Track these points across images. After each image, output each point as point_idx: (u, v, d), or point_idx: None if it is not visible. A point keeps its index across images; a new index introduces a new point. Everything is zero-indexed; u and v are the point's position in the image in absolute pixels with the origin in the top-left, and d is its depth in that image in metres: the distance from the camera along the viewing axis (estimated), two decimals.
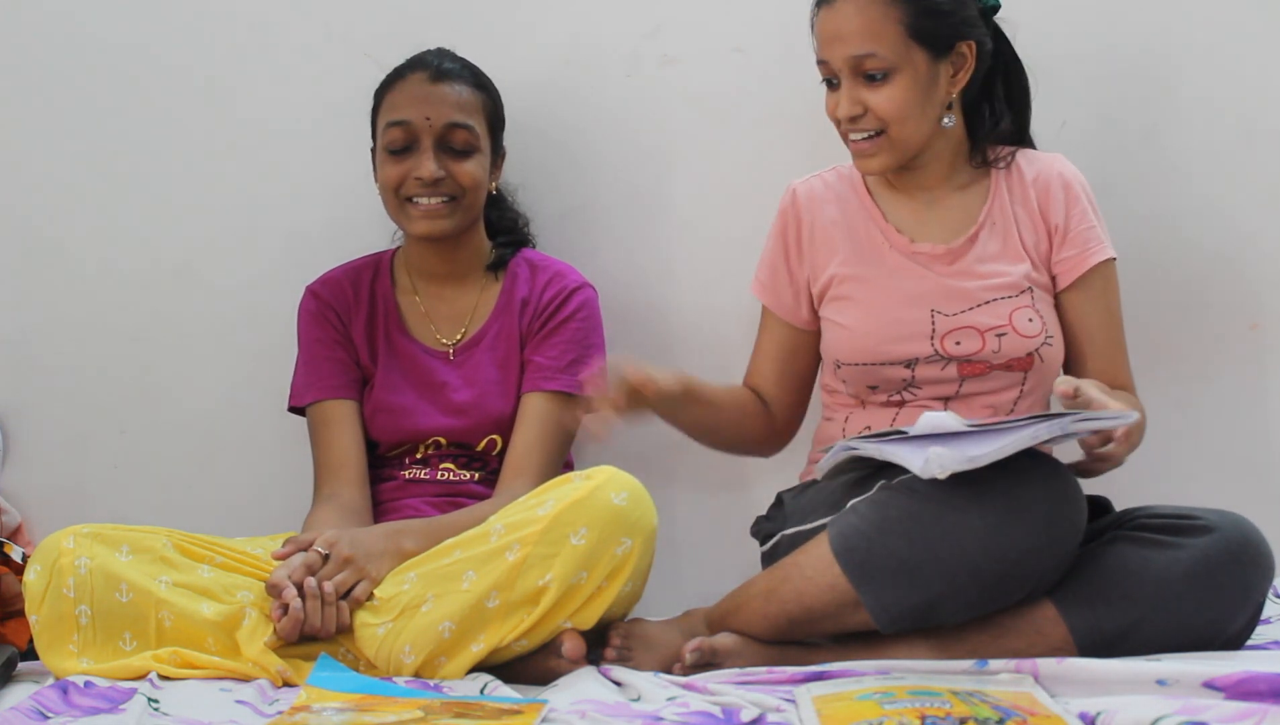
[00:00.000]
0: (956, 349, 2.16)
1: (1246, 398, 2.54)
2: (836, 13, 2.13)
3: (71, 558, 2.00)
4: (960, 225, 2.23)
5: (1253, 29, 2.51)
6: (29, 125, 2.60)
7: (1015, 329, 2.16)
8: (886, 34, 2.11)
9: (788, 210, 2.31)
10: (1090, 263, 2.19)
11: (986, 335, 2.16)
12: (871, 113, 2.13)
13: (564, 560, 1.98)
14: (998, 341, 2.16)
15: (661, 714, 1.79)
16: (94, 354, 2.61)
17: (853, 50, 2.12)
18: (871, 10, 2.11)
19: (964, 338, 2.16)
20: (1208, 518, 1.99)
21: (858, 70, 2.13)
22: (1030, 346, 2.17)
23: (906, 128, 2.15)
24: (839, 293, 2.25)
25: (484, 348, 2.37)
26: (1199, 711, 1.60)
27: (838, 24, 2.13)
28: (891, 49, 2.11)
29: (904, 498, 1.95)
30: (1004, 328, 2.16)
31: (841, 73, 2.14)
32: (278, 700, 1.91)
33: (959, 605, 1.94)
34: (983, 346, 2.16)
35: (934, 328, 2.17)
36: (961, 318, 2.17)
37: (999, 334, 2.16)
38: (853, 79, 2.13)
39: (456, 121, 2.31)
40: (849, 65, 2.13)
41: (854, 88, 2.13)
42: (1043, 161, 2.25)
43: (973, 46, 2.17)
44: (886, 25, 2.11)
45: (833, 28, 2.13)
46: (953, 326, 2.17)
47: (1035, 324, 2.17)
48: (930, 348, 2.17)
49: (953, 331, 2.17)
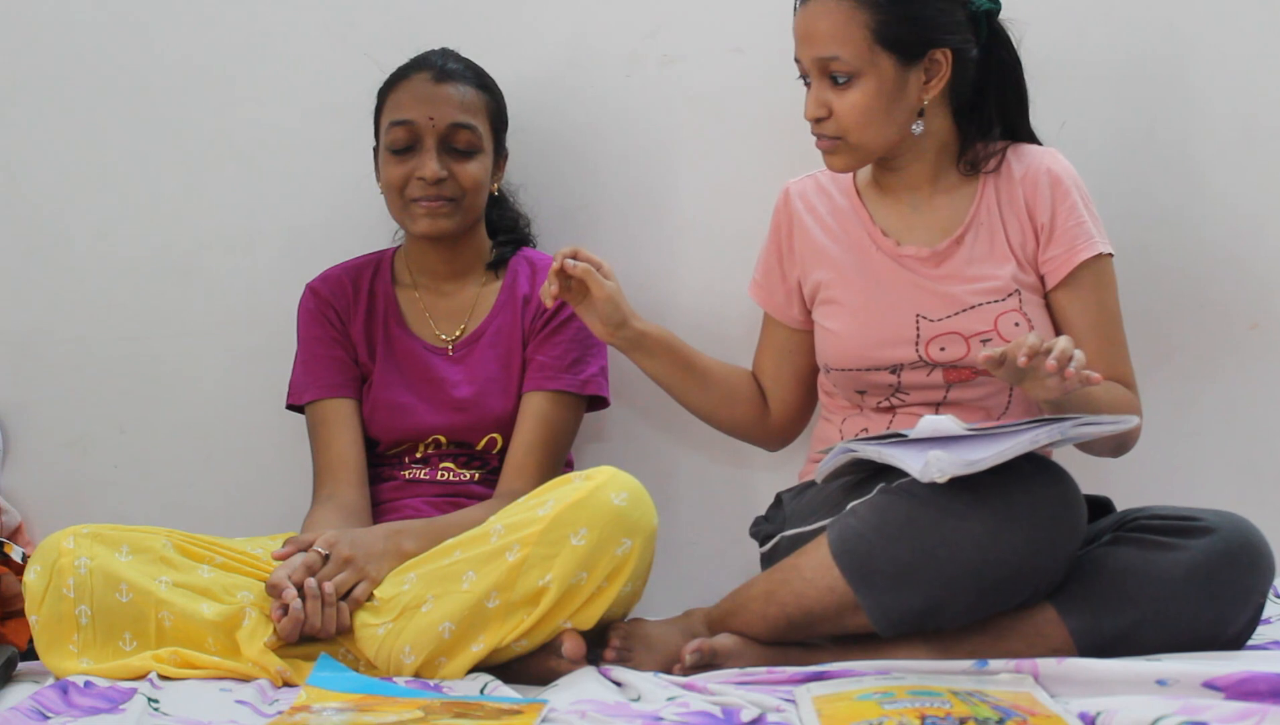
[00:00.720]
0: (941, 355, 2.16)
1: (1246, 398, 2.54)
2: (809, 13, 2.13)
3: (71, 558, 2.00)
4: (946, 227, 2.21)
5: (1254, 29, 2.51)
6: (29, 125, 2.60)
7: (1001, 334, 2.14)
8: (851, 38, 2.09)
9: (781, 210, 2.31)
10: (1077, 260, 2.16)
11: (971, 341, 2.15)
12: (834, 116, 2.13)
13: (564, 561, 1.98)
14: (983, 347, 2.14)
15: (661, 714, 1.78)
16: (94, 354, 2.61)
17: (818, 52, 2.11)
18: (838, 14, 2.10)
19: (949, 344, 2.16)
20: (1208, 519, 1.98)
21: (824, 72, 2.12)
22: None
23: (867, 133, 2.13)
24: (827, 296, 2.25)
25: (485, 344, 2.37)
26: (1199, 711, 1.60)
27: (808, 24, 2.13)
28: (855, 54, 2.09)
29: (904, 501, 1.95)
30: (989, 333, 2.15)
31: (810, 73, 2.14)
32: (278, 700, 1.91)
33: (958, 609, 1.94)
34: (967, 352, 2.15)
35: (919, 333, 2.16)
36: (946, 323, 2.16)
37: (984, 339, 2.14)
38: (820, 80, 2.13)
39: (460, 122, 2.31)
40: (816, 66, 2.13)
41: (821, 89, 2.13)
42: (1033, 158, 2.21)
43: (948, 54, 2.13)
44: (852, 29, 2.09)
45: (804, 27, 2.13)
46: (937, 332, 2.16)
47: (1022, 328, 2.15)
48: (915, 354, 2.16)
49: (937, 337, 2.16)
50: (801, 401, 2.36)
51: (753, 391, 2.34)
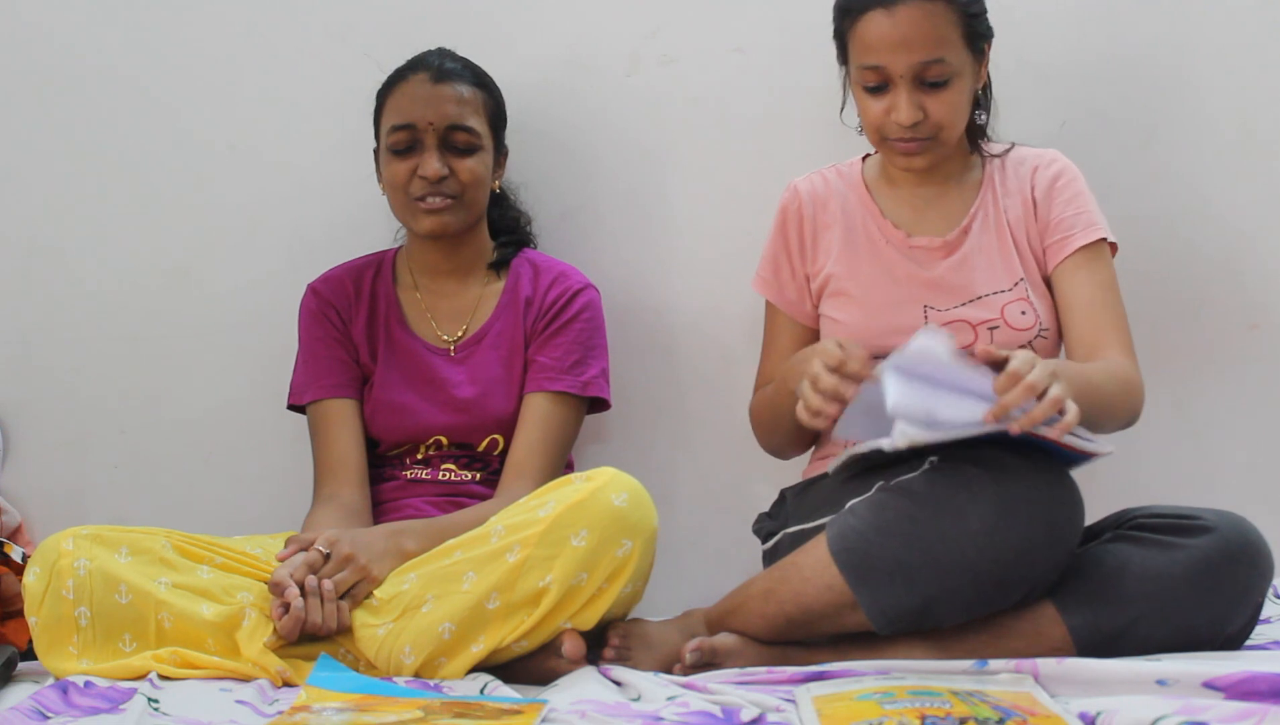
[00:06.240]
0: None
1: (1246, 398, 2.54)
2: (899, 18, 2.09)
3: (70, 559, 2.00)
4: (955, 217, 2.24)
5: (1253, 30, 2.51)
6: (29, 126, 2.61)
7: (1008, 322, 2.17)
8: (951, 39, 2.11)
9: (789, 206, 2.32)
10: (1074, 245, 2.19)
11: (979, 329, 2.17)
12: (930, 119, 2.13)
13: (564, 562, 1.98)
14: (990, 335, 2.16)
15: (661, 714, 1.78)
16: (94, 354, 2.61)
17: (920, 57, 2.10)
18: (938, 16, 2.10)
19: (956, 332, 2.16)
20: (1207, 518, 1.98)
21: (919, 75, 2.11)
22: (1023, 339, 2.16)
23: (957, 130, 2.17)
24: (836, 289, 2.26)
25: (487, 345, 2.37)
26: (1199, 711, 1.60)
27: (905, 30, 2.09)
28: (956, 55, 2.11)
29: (902, 499, 1.95)
30: (996, 321, 2.17)
31: (901, 79, 2.11)
32: (278, 700, 1.91)
33: (956, 607, 1.94)
34: (975, 341, 2.16)
35: (926, 323, 2.17)
36: (954, 312, 2.18)
37: (991, 327, 2.17)
38: (911, 84, 2.11)
39: (459, 122, 2.31)
40: (912, 71, 2.11)
41: (914, 93, 2.12)
42: (1034, 155, 2.26)
43: (991, 41, 2.19)
44: (949, 31, 2.10)
45: (899, 34, 2.10)
46: (945, 321, 2.18)
47: (1028, 317, 2.17)
48: None
49: (945, 326, 2.17)
50: None
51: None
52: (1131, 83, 2.53)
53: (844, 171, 2.32)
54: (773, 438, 2.32)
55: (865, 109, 2.18)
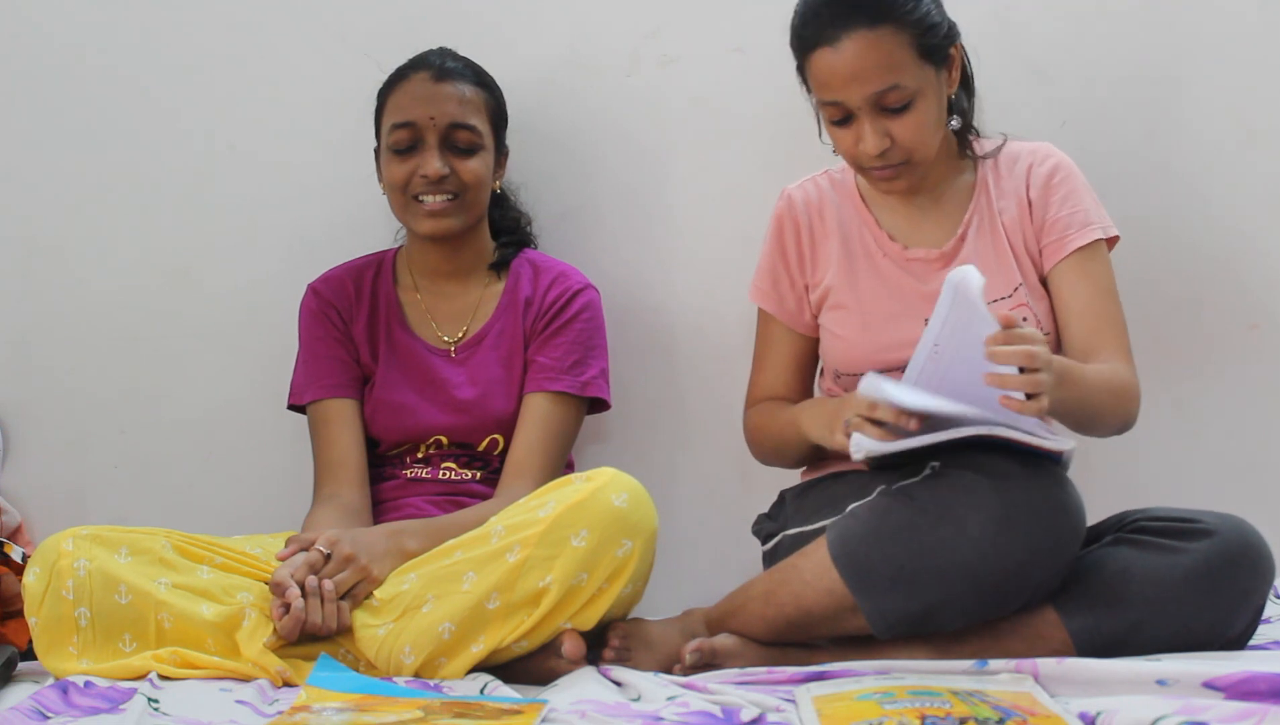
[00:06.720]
0: None
1: (1246, 398, 2.54)
2: (844, 52, 2.05)
3: (70, 560, 2.00)
4: (950, 226, 2.22)
5: (1252, 30, 2.51)
6: (29, 126, 2.61)
7: None
8: (905, 62, 2.05)
9: (784, 216, 2.30)
10: (1071, 247, 2.16)
11: None
12: (897, 144, 2.08)
13: (564, 562, 1.98)
14: None
15: (661, 714, 1.78)
16: (94, 354, 2.61)
17: (874, 87, 2.05)
18: (885, 43, 2.04)
19: None
20: (1208, 521, 1.98)
21: (878, 104, 2.07)
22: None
23: (929, 148, 2.12)
24: (835, 302, 2.24)
25: (487, 346, 2.37)
26: (1199, 711, 1.60)
27: (853, 63, 2.04)
28: (911, 76, 2.06)
29: (902, 504, 1.95)
30: None
31: (860, 110, 2.07)
32: (278, 700, 1.91)
33: (956, 613, 1.94)
34: None
35: None
36: None
37: None
38: (873, 113, 2.07)
39: (460, 121, 2.31)
40: (870, 102, 2.06)
41: (877, 121, 2.07)
42: (1028, 151, 2.23)
43: (959, 46, 2.14)
44: (902, 54, 2.05)
45: (849, 67, 2.05)
46: None
47: (1029, 323, 2.15)
48: None
49: None
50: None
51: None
52: (1131, 83, 2.53)
53: (837, 179, 2.30)
54: (772, 459, 2.32)
55: (836, 140, 2.14)
